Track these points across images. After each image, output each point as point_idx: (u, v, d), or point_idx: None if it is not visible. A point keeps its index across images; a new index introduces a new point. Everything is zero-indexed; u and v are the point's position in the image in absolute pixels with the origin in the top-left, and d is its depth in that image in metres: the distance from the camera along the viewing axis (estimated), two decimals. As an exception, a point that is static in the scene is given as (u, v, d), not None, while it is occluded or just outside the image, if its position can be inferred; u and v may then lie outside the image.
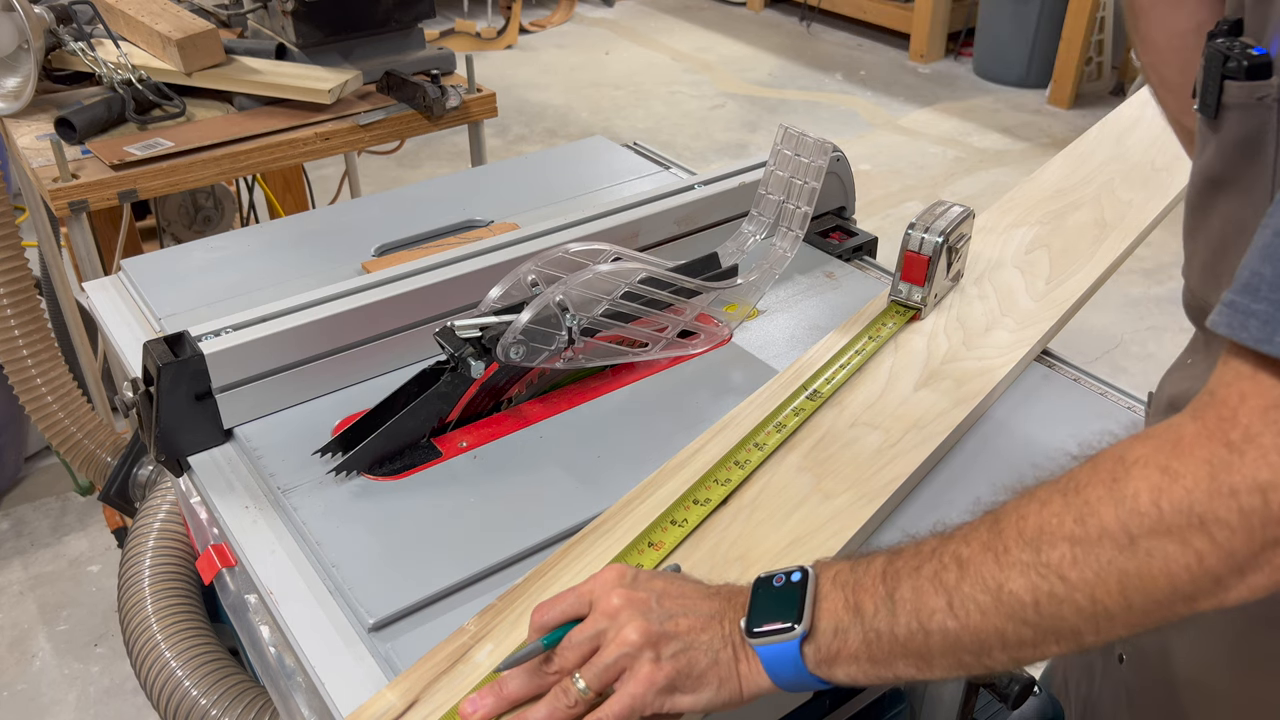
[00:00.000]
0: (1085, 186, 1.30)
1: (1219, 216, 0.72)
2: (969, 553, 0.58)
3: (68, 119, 1.78)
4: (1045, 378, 1.06)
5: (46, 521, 2.44)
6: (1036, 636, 0.56)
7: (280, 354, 1.00)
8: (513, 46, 5.55)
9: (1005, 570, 0.56)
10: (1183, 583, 0.52)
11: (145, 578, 1.20)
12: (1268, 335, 0.51)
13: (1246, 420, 0.51)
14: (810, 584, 0.64)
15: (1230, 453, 0.51)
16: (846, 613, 0.62)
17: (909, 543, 0.64)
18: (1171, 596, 0.53)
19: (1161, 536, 0.52)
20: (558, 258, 1.01)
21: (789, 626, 0.63)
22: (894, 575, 0.61)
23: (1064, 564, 0.54)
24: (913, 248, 1.09)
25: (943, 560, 0.59)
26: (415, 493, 0.92)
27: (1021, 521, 0.57)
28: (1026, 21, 4.72)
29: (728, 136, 4.47)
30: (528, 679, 0.68)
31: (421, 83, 1.96)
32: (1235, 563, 0.51)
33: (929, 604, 0.59)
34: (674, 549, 0.82)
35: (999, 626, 0.57)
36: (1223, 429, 0.51)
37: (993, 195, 3.76)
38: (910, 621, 0.60)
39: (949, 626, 0.58)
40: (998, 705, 1.00)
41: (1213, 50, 0.68)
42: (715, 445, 0.93)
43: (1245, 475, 0.50)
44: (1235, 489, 0.50)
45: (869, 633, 0.61)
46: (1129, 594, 0.53)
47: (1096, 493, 0.54)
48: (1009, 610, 0.56)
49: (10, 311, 1.59)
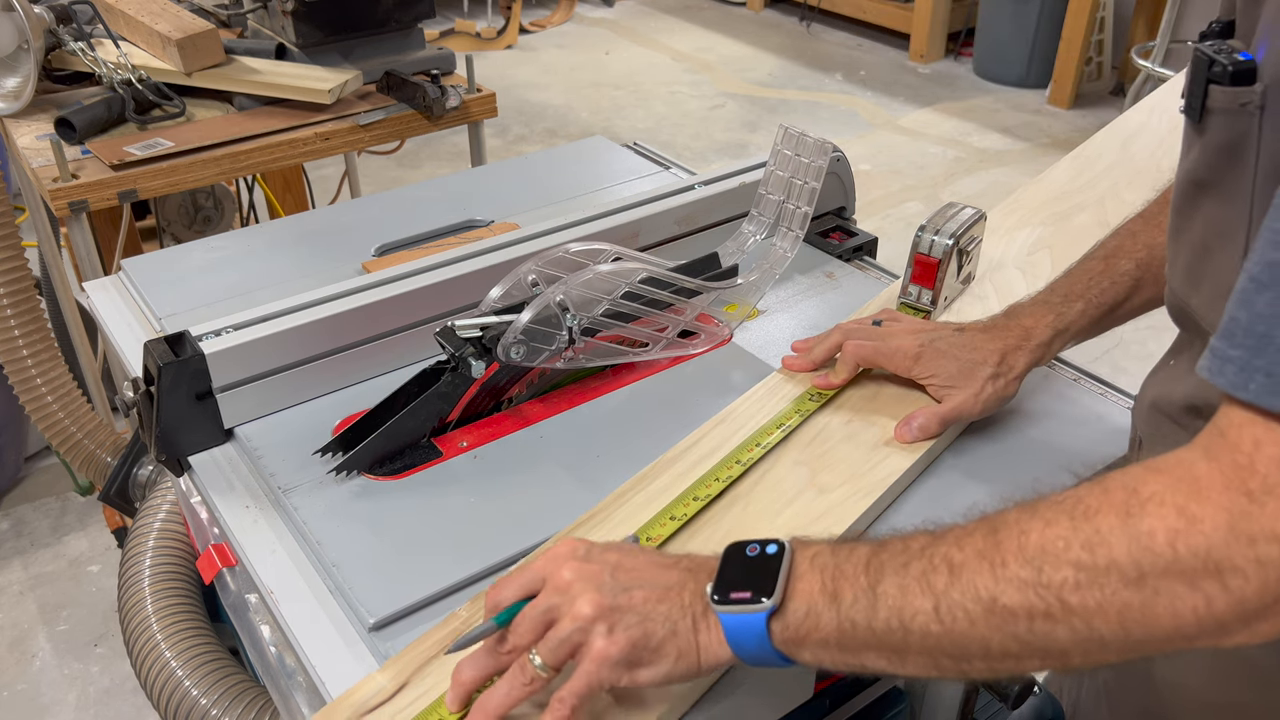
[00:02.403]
0: (1090, 189, 1.30)
1: (1201, 219, 0.73)
2: (962, 558, 0.57)
3: (68, 119, 1.78)
4: (1045, 378, 1.06)
5: (46, 521, 2.44)
6: (1022, 651, 0.56)
7: (280, 354, 1.00)
8: (513, 46, 5.55)
9: (1001, 584, 0.56)
10: (1187, 623, 0.52)
11: (145, 578, 1.20)
12: (1242, 382, 0.51)
13: (1265, 470, 0.50)
14: (786, 559, 0.63)
15: (1250, 503, 0.50)
16: (822, 597, 0.61)
17: (895, 537, 0.63)
18: (1172, 635, 0.53)
19: (1173, 578, 0.52)
20: (558, 258, 1.01)
21: (758, 598, 0.62)
22: (878, 568, 0.60)
23: (1065, 588, 0.54)
24: (922, 250, 1.09)
25: (933, 561, 0.58)
26: (415, 493, 0.92)
27: (1023, 537, 0.56)
28: (1026, 21, 4.72)
29: (728, 136, 4.47)
30: (484, 660, 0.68)
31: (421, 83, 1.96)
32: (1244, 611, 0.51)
33: (914, 604, 0.58)
34: (670, 539, 0.82)
35: (985, 637, 0.57)
36: (1241, 477, 0.51)
37: (993, 195, 3.76)
38: (891, 618, 0.59)
39: (932, 629, 0.58)
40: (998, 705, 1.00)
41: (1199, 53, 0.68)
42: (711, 440, 0.93)
43: (1265, 526, 0.50)
44: (1254, 538, 0.50)
45: (844, 621, 0.60)
46: (1129, 627, 0.53)
47: (1108, 522, 0.54)
48: (999, 623, 0.56)
49: (10, 311, 1.59)
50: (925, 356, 0.93)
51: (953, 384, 0.92)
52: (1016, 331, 0.93)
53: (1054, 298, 0.95)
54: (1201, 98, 0.68)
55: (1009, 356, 0.92)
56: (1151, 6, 4.58)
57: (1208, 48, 0.67)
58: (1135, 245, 0.94)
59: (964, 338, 0.94)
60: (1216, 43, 0.68)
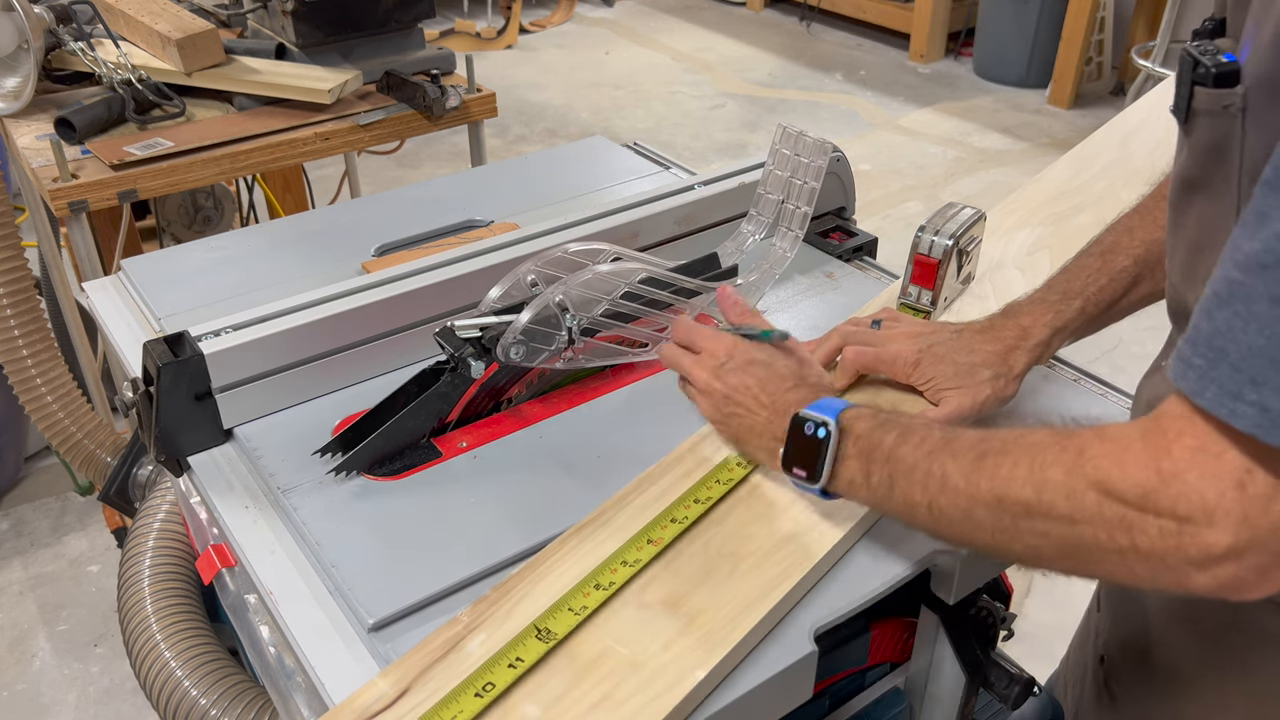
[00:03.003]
0: (1089, 188, 1.30)
1: (1194, 217, 0.73)
2: (953, 473, 0.70)
3: (68, 119, 1.78)
4: (1045, 378, 1.06)
5: (46, 521, 2.44)
6: (990, 550, 0.71)
7: (280, 354, 1.00)
8: (513, 46, 5.55)
9: (974, 502, 0.69)
10: (1111, 563, 0.62)
11: (145, 578, 1.20)
12: (1200, 389, 0.56)
13: (1178, 456, 0.58)
14: (832, 444, 0.78)
15: (1160, 481, 0.58)
16: (860, 475, 0.77)
17: (918, 427, 0.76)
18: (1096, 570, 0.65)
19: (1096, 526, 0.62)
20: (558, 258, 1.01)
21: (812, 479, 0.79)
22: (897, 462, 0.75)
23: (1018, 514, 0.66)
24: (922, 251, 1.09)
25: (931, 469, 0.72)
26: (415, 493, 0.92)
27: (997, 468, 0.68)
28: (1026, 21, 4.72)
29: (728, 136, 4.47)
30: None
31: (421, 83, 1.96)
32: (1153, 568, 0.60)
33: (915, 498, 0.73)
34: (671, 543, 0.83)
35: (962, 534, 0.72)
36: (1157, 457, 0.59)
37: (993, 195, 3.76)
38: (900, 502, 0.75)
39: (927, 520, 0.74)
40: (998, 705, 1.00)
41: (1185, 54, 0.68)
42: (712, 441, 0.93)
43: (1165, 504, 0.58)
44: (1159, 512, 0.58)
45: (873, 494, 0.77)
46: (1065, 553, 0.65)
47: (1056, 475, 0.64)
48: (972, 529, 0.70)
49: (10, 311, 1.59)
50: (924, 362, 0.94)
51: (952, 387, 0.92)
52: (1014, 331, 0.94)
53: (1051, 295, 0.95)
54: (1187, 99, 0.69)
55: (1008, 357, 0.93)
56: (1151, 6, 4.58)
57: (1194, 48, 0.68)
58: (1132, 241, 0.94)
59: (962, 340, 0.94)
60: (1203, 43, 0.68)
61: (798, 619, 0.79)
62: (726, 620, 0.76)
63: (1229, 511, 0.56)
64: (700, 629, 0.75)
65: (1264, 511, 0.55)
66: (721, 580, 0.79)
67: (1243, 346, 0.54)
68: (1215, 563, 0.57)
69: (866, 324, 1.01)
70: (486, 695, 0.70)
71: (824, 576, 0.83)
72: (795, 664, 0.76)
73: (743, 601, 0.77)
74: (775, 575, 0.79)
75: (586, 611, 0.77)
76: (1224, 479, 0.56)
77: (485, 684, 0.71)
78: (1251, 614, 0.78)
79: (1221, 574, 0.58)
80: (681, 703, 0.71)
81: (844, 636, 0.92)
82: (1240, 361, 0.54)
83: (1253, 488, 0.55)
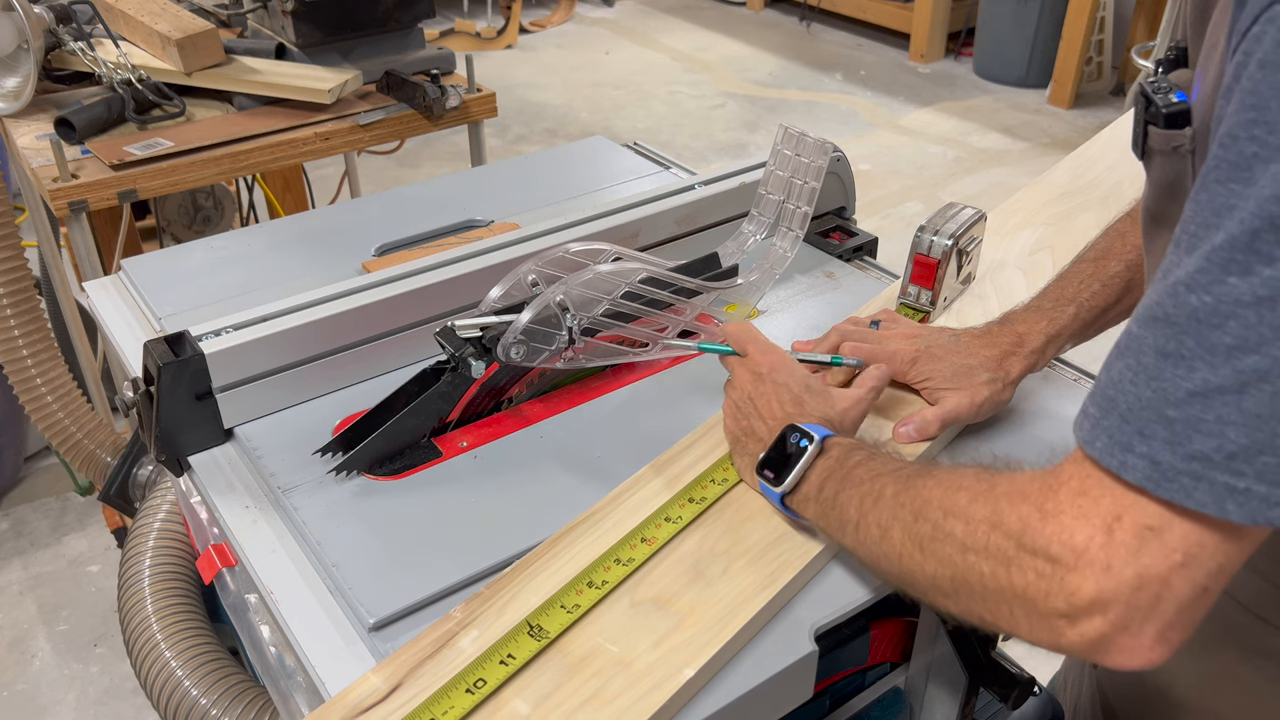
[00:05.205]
0: (1092, 189, 1.30)
1: (1161, 247, 0.73)
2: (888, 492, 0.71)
3: (67, 119, 1.78)
4: (1045, 378, 1.06)
5: (46, 521, 2.44)
6: (896, 579, 0.72)
7: (280, 354, 1.00)
8: (513, 46, 5.55)
9: (893, 521, 0.70)
10: (994, 602, 0.62)
11: (145, 578, 1.20)
12: (1091, 439, 0.57)
13: (1061, 497, 0.58)
14: (808, 457, 0.80)
15: (1040, 518, 0.58)
16: (815, 490, 0.79)
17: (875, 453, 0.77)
18: (986, 612, 0.63)
19: (983, 558, 0.61)
20: (558, 258, 1.01)
21: (777, 482, 0.81)
22: (843, 478, 0.76)
23: (924, 538, 0.66)
24: (921, 251, 1.09)
25: (872, 487, 0.73)
26: (415, 493, 0.92)
27: (919, 491, 0.68)
28: (1026, 21, 4.72)
29: (728, 136, 4.47)
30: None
31: (421, 83, 1.96)
32: (1033, 609, 0.59)
33: (849, 515, 0.74)
34: (665, 543, 0.83)
35: (877, 556, 0.72)
36: (1044, 497, 0.59)
37: (993, 195, 3.76)
38: (835, 519, 0.77)
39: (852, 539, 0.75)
40: (998, 705, 1.00)
41: (1140, 90, 0.68)
42: (709, 440, 0.93)
43: (1041, 543, 0.58)
44: (1035, 550, 0.58)
45: (819, 508, 0.79)
46: (956, 584, 0.64)
47: (961, 501, 0.64)
48: (885, 551, 0.71)
49: (10, 311, 1.59)
50: (921, 360, 0.94)
51: (949, 387, 0.92)
52: (1010, 337, 0.94)
53: (1046, 303, 0.95)
54: (1143, 137, 0.69)
55: (1004, 362, 0.93)
56: (1151, 6, 4.58)
57: (1149, 84, 0.67)
58: (1125, 247, 0.94)
59: (960, 343, 0.95)
60: (1158, 80, 0.68)
61: (798, 619, 0.79)
62: (717, 619, 0.76)
63: (1094, 558, 0.55)
64: (691, 627, 0.76)
65: (1127, 561, 0.54)
66: (713, 579, 0.80)
67: (1131, 398, 0.54)
68: (1082, 614, 0.56)
69: (865, 324, 1.01)
70: (478, 691, 0.71)
71: (823, 577, 0.83)
72: (795, 664, 0.76)
73: (734, 601, 0.77)
74: (767, 575, 0.80)
75: (580, 610, 0.77)
76: (1094, 522, 0.55)
77: (476, 680, 0.72)
78: (1241, 626, 0.79)
79: (1089, 630, 0.56)
80: (669, 701, 0.71)
81: (844, 636, 0.92)
82: (1129, 413, 0.54)
83: (1119, 534, 0.54)
